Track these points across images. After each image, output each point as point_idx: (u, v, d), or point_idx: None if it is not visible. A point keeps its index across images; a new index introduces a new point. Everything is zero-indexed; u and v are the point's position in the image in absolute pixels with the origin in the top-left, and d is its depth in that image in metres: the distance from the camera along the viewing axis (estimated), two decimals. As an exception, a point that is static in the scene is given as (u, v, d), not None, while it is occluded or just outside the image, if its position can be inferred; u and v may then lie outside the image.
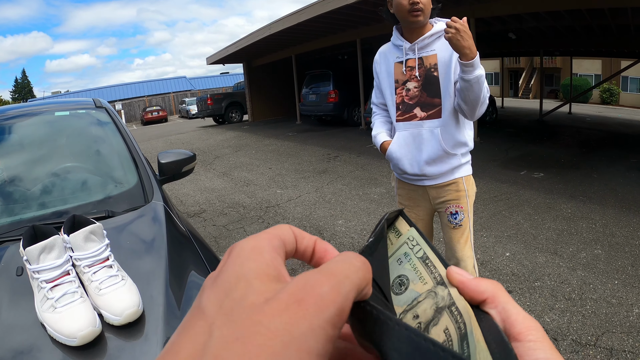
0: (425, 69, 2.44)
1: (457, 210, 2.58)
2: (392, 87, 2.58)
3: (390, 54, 2.60)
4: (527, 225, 5.10)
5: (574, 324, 3.14)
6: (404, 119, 2.55)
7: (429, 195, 2.64)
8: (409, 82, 2.49)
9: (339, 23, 12.25)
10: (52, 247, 1.39)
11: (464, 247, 2.64)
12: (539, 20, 10.96)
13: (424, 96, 2.46)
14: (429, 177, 2.56)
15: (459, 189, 2.57)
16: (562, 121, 15.45)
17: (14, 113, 2.78)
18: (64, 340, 1.25)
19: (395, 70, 2.55)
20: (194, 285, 1.61)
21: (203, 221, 6.12)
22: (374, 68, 2.74)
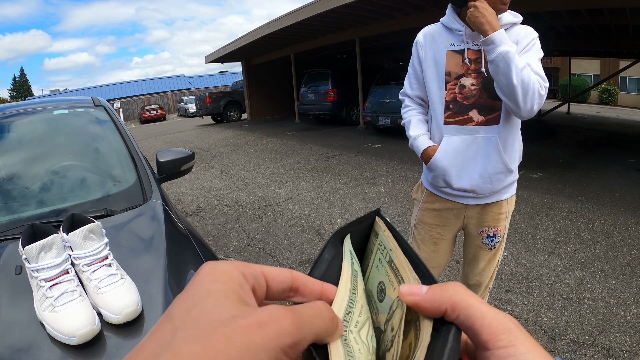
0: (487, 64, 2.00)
1: (494, 234, 2.27)
2: (441, 80, 2.14)
3: (440, 38, 2.14)
4: (525, 225, 5.11)
5: (571, 324, 3.15)
6: (455, 122, 2.13)
7: (465, 215, 2.29)
8: (465, 78, 2.08)
9: (337, 22, 12.26)
10: (51, 246, 1.40)
11: (490, 269, 2.36)
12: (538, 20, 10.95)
13: (484, 97, 2.06)
14: (477, 195, 2.19)
15: (502, 211, 2.24)
16: (561, 121, 15.47)
17: (12, 111, 2.77)
18: (63, 339, 1.26)
19: (448, 59, 2.11)
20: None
21: (201, 220, 6.12)
22: (414, 51, 2.25)
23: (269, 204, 6.63)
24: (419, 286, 0.37)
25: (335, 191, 7.06)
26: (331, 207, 6.22)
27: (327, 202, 6.48)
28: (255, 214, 6.21)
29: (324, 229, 5.35)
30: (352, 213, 5.86)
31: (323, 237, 5.06)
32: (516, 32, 2.02)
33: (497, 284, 3.75)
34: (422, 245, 2.42)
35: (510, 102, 1.93)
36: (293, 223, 5.65)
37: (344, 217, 5.72)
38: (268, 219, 5.90)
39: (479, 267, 2.35)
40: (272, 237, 5.19)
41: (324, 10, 10.70)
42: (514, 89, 1.87)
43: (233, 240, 5.19)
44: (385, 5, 10.08)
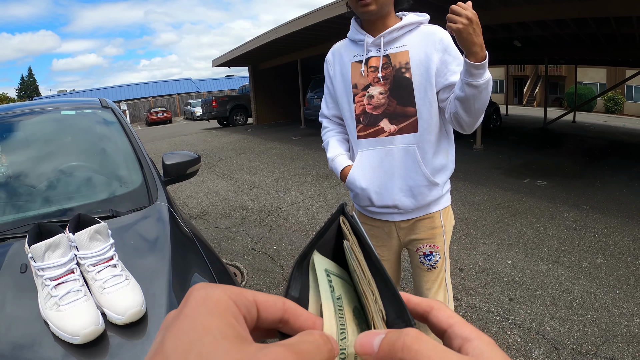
0: (393, 70, 1.91)
1: (431, 251, 2.10)
2: (349, 94, 2.03)
3: (346, 52, 2.06)
4: (530, 234, 5.10)
5: (574, 333, 3.14)
6: (367, 135, 2.00)
7: (397, 232, 2.13)
8: (373, 87, 1.95)
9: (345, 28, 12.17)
10: (57, 246, 1.40)
11: (437, 292, 2.17)
12: (544, 28, 10.96)
13: (394, 104, 1.93)
14: (401, 210, 2.03)
15: (435, 225, 2.07)
16: (566, 130, 15.44)
17: (20, 111, 2.80)
18: (66, 338, 1.26)
19: (353, 72, 2.00)
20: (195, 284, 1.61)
21: (206, 223, 6.13)
22: (325, 70, 2.18)
23: (274, 209, 6.64)
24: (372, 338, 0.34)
25: (340, 197, 7.06)
26: (335, 213, 6.21)
27: (332, 208, 6.47)
28: (260, 218, 6.22)
29: (328, 234, 5.33)
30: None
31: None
32: (423, 34, 1.89)
33: (499, 292, 3.74)
34: None
35: (469, 122, 1.82)
36: (297, 228, 5.65)
37: (348, 223, 5.70)
38: (272, 224, 5.91)
39: (423, 290, 2.17)
40: (276, 242, 5.20)
41: (331, 16, 10.71)
42: (482, 113, 1.81)
43: (237, 244, 5.20)
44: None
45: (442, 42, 1.86)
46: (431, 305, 0.40)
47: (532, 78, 34.15)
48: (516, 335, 3.15)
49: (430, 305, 0.40)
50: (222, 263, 1.94)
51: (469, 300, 3.64)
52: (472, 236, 5.07)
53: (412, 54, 1.88)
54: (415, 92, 1.89)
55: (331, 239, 0.44)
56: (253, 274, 4.35)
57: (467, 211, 5.99)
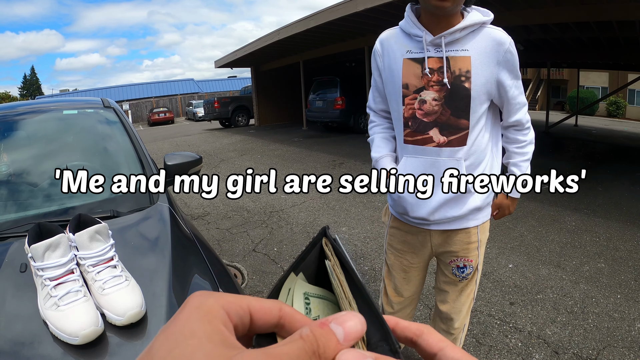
0: (452, 76, 1.75)
1: (465, 264, 2.04)
2: (398, 94, 1.87)
3: (398, 45, 1.86)
4: (531, 237, 5.09)
5: (575, 338, 3.13)
6: (415, 141, 1.87)
7: (431, 242, 2.06)
8: (426, 91, 1.79)
9: (347, 30, 12.28)
10: (57, 245, 1.40)
11: (464, 302, 2.14)
12: (546, 32, 10.95)
13: (447, 114, 1.79)
14: (437, 221, 1.95)
15: (471, 240, 2.00)
16: (568, 133, 15.44)
17: (23, 110, 2.80)
18: (66, 338, 1.26)
19: (405, 69, 1.83)
20: (197, 287, 1.61)
21: (207, 224, 6.12)
22: (373, 61, 2.02)
23: (275, 210, 6.63)
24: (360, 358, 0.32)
25: (341, 199, 7.05)
26: (337, 215, 6.22)
27: (333, 210, 6.48)
28: (261, 219, 6.21)
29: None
30: (357, 221, 5.85)
31: (328, 244, 5.04)
32: (488, 40, 1.77)
33: (501, 296, 3.73)
34: (392, 270, 2.24)
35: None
36: (298, 230, 5.65)
37: (349, 225, 5.71)
38: (273, 225, 5.90)
39: (450, 300, 2.14)
40: (277, 244, 5.19)
41: (333, 18, 10.73)
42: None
43: (238, 245, 5.19)
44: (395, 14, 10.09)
45: (508, 57, 1.77)
46: (421, 330, 0.40)
47: (535, 81, 34.14)
48: (517, 339, 3.14)
49: (420, 330, 0.40)
50: (222, 264, 1.94)
51: (470, 304, 3.63)
52: (473, 239, 5.05)
53: (474, 62, 1.74)
54: (471, 104, 1.77)
55: (314, 261, 0.44)
56: (254, 275, 4.34)
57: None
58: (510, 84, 1.80)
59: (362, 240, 5.15)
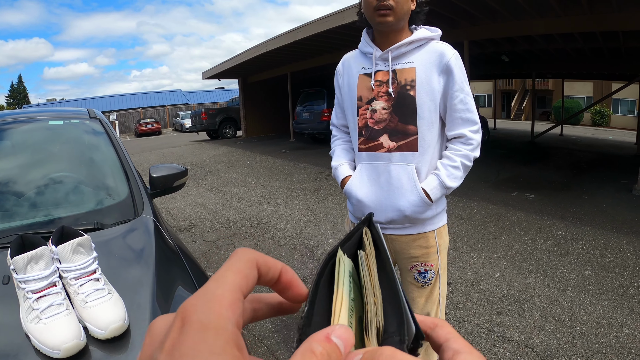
0: (399, 86, 1.92)
1: (425, 269, 2.09)
2: (354, 106, 2.05)
3: (355, 64, 2.08)
4: (518, 247, 5.11)
5: (563, 345, 3.14)
6: (368, 148, 2.02)
7: (390, 248, 2.09)
8: (376, 101, 1.97)
9: (335, 42, 12.32)
10: (40, 258, 1.38)
11: (431, 308, 2.15)
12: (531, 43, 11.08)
13: (395, 121, 1.94)
14: (395, 226, 2.04)
15: (429, 244, 2.06)
16: (554, 143, 15.56)
17: (8, 120, 2.77)
18: (47, 352, 1.24)
19: (360, 84, 2.02)
20: (180, 299, 1.60)
21: (193, 236, 6.09)
22: (335, 80, 2.21)
23: (261, 222, 6.61)
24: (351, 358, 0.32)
25: (327, 211, 7.05)
26: (323, 227, 6.21)
27: (320, 222, 6.47)
28: (247, 231, 6.19)
29: (316, 248, 5.33)
30: (344, 233, 5.83)
31: (314, 257, 5.04)
32: (432, 52, 1.91)
33: (488, 305, 3.74)
34: None
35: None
36: (285, 242, 5.63)
37: (336, 237, 5.70)
38: (260, 237, 5.88)
39: (416, 307, 2.14)
40: (264, 255, 5.15)
41: (321, 30, 10.77)
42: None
43: (224, 258, 5.16)
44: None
45: (451, 68, 1.88)
46: (435, 323, 0.40)
47: (520, 92, 34.42)
48: (505, 348, 3.14)
49: (434, 323, 0.40)
50: (206, 276, 1.92)
51: (457, 314, 3.63)
52: (460, 250, 5.07)
53: (418, 72, 1.89)
54: (417, 110, 1.90)
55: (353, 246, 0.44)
56: (241, 287, 4.31)
57: (455, 225, 5.99)
58: (453, 95, 1.91)
59: (349, 250, 5.13)
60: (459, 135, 1.95)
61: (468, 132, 1.94)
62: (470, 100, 1.93)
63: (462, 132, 1.94)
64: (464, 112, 1.92)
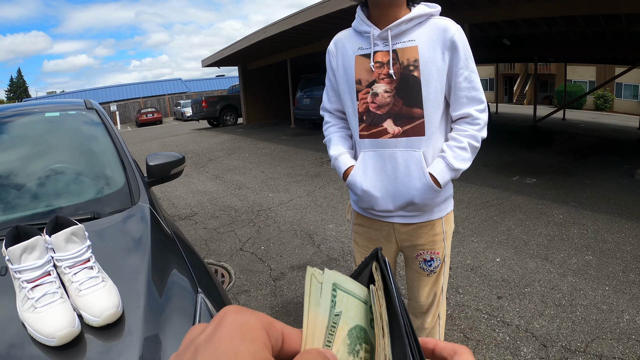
0: (401, 67, 1.80)
1: (431, 257, 2.05)
2: (352, 90, 1.93)
3: (350, 44, 1.94)
4: (519, 231, 5.11)
5: (563, 330, 3.14)
6: (370, 135, 1.90)
7: (396, 236, 2.06)
8: (378, 84, 1.84)
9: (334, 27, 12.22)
10: (34, 248, 1.40)
11: (436, 296, 2.14)
12: (533, 27, 11.00)
13: (399, 104, 1.83)
14: (403, 214, 1.98)
15: (436, 232, 2.01)
16: (556, 127, 15.50)
17: (3, 113, 2.78)
18: (43, 340, 1.26)
19: (357, 66, 1.89)
20: (174, 285, 1.61)
21: (194, 224, 6.10)
22: (327, 61, 2.07)
23: (262, 209, 6.62)
24: None
25: (328, 196, 7.05)
26: (324, 213, 6.21)
27: (320, 208, 6.47)
28: (248, 218, 6.20)
29: (316, 234, 5.34)
30: (344, 218, 5.84)
31: (315, 242, 5.05)
32: (434, 28, 1.80)
33: (488, 290, 3.74)
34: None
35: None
36: (285, 228, 5.63)
37: (336, 223, 5.70)
38: (261, 224, 5.89)
39: (420, 294, 2.13)
40: (264, 242, 5.18)
41: (319, 15, 10.71)
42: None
43: (225, 245, 5.17)
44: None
45: (455, 44, 1.78)
46: (455, 350, 0.43)
47: (522, 76, 34.30)
48: (504, 333, 3.14)
49: (454, 350, 0.43)
50: (203, 264, 1.93)
51: (457, 299, 3.63)
52: (461, 234, 5.07)
53: (421, 50, 1.78)
54: (423, 92, 1.80)
55: (365, 282, 0.45)
56: (241, 275, 4.33)
57: (456, 209, 5.97)
58: (457, 73, 1.81)
59: (348, 237, 5.13)
60: (465, 115, 1.86)
61: (474, 112, 1.84)
62: (475, 77, 1.84)
63: (468, 112, 1.85)
64: (470, 91, 1.83)
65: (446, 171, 1.84)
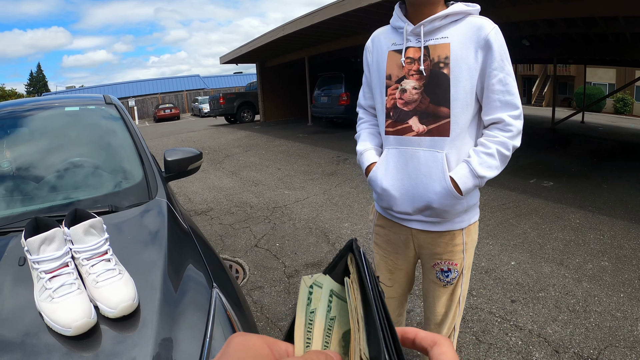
0: (431, 63, 1.74)
1: (449, 268, 1.96)
2: (382, 85, 1.88)
3: (385, 40, 1.90)
4: (534, 235, 5.07)
5: (576, 337, 3.12)
6: (395, 131, 1.85)
7: (414, 242, 1.99)
8: (407, 80, 1.79)
9: (352, 26, 12.25)
10: (53, 239, 1.42)
11: (451, 307, 2.06)
12: (553, 27, 10.89)
13: (426, 102, 1.76)
14: (422, 220, 1.90)
15: (456, 242, 1.92)
16: (575, 130, 15.36)
17: (25, 107, 2.84)
18: (59, 329, 1.28)
19: (389, 61, 1.85)
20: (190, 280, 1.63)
21: (210, 219, 6.14)
22: (364, 58, 2.03)
23: (278, 206, 6.64)
24: None
25: (344, 195, 7.06)
26: (340, 211, 6.21)
27: (336, 206, 6.48)
28: (264, 215, 6.22)
29: (331, 232, 5.35)
30: (360, 217, 5.85)
31: (330, 241, 5.06)
32: (469, 26, 1.73)
33: (502, 293, 3.72)
34: (378, 271, 2.17)
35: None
36: (301, 225, 5.65)
37: (351, 221, 5.71)
38: (276, 221, 5.91)
39: (436, 304, 2.06)
40: (279, 239, 5.19)
41: (338, 13, 10.70)
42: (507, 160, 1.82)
43: (240, 241, 5.20)
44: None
45: (489, 43, 1.70)
46: (435, 341, 0.44)
47: (541, 78, 34.01)
48: (517, 337, 3.13)
49: (434, 341, 0.44)
50: (219, 259, 1.95)
51: (471, 301, 3.62)
52: (476, 236, 5.03)
53: (453, 48, 1.71)
54: (451, 90, 1.72)
55: (341, 273, 0.46)
56: (255, 271, 4.35)
57: (472, 211, 5.95)
58: (491, 74, 1.73)
59: (364, 236, 5.14)
60: (497, 120, 1.77)
61: (507, 117, 1.75)
62: (511, 80, 1.74)
63: (501, 117, 1.75)
64: (503, 94, 1.74)
65: (469, 177, 1.77)
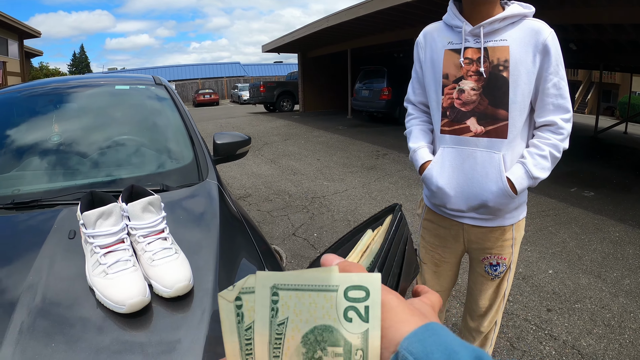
0: (490, 65, 1.77)
1: (498, 262, 2.03)
2: (438, 83, 1.90)
3: (440, 37, 1.91)
4: (573, 245, 4.98)
5: (610, 352, 3.06)
6: (452, 131, 1.88)
7: (464, 237, 2.06)
8: (465, 81, 1.82)
9: (396, 20, 12.15)
10: (110, 214, 1.41)
11: (495, 301, 2.13)
12: (600, 32, 10.63)
13: (485, 104, 1.79)
14: (475, 216, 1.97)
15: (506, 237, 1.99)
16: (617, 140, 15.00)
17: (75, 83, 2.89)
18: (112, 306, 1.27)
19: (446, 60, 1.86)
20: (244, 265, 1.64)
21: (248, 205, 6.18)
22: (415, 53, 2.05)
23: (316, 196, 6.65)
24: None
25: (383, 190, 7.03)
26: (378, 206, 6.19)
27: (375, 200, 6.46)
28: (302, 204, 6.24)
29: (369, 226, 5.31)
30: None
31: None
32: (527, 30, 1.76)
33: (538, 301, 3.67)
34: (424, 264, 2.23)
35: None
36: (339, 217, 5.65)
37: (388, 217, 5.67)
38: (314, 211, 5.92)
39: (481, 297, 2.13)
40: (317, 229, 5.21)
41: (384, 7, 10.63)
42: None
43: (278, 228, 5.23)
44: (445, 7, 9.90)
45: (547, 48, 1.73)
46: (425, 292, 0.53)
47: (585, 84, 33.26)
48: (551, 347, 3.09)
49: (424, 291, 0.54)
50: (267, 244, 1.94)
51: (507, 307, 3.58)
52: (514, 241, 4.97)
53: (512, 51, 1.74)
54: (510, 94, 1.77)
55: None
56: (292, 259, 4.37)
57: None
58: (546, 78, 1.76)
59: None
60: (550, 123, 1.81)
61: (559, 120, 1.80)
62: (564, 85, 1.78)
63: (553, 120, 1.80)
64: (557, 98, 1.77)
65: (524, 178, 1.83)
